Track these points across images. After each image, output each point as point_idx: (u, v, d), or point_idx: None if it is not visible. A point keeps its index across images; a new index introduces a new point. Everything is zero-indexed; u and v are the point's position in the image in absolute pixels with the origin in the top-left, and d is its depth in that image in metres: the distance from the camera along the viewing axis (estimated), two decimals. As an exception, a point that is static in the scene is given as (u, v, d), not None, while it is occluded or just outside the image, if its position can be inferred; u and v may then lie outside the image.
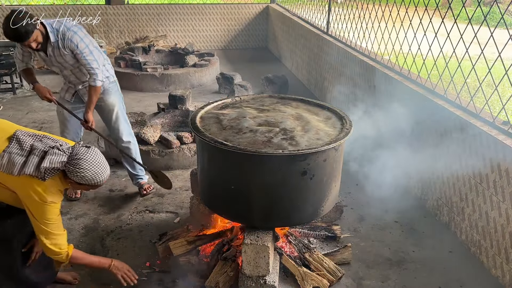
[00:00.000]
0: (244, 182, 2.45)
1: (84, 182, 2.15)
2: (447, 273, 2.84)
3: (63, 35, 3.00)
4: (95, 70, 3.10)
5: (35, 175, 2.06)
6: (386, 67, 4.14)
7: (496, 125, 2.79)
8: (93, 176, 2.14)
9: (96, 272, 2.86)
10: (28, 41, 2.88)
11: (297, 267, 2.67)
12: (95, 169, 2.13)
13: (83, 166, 2.10)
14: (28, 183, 2.08)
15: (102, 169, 2.17)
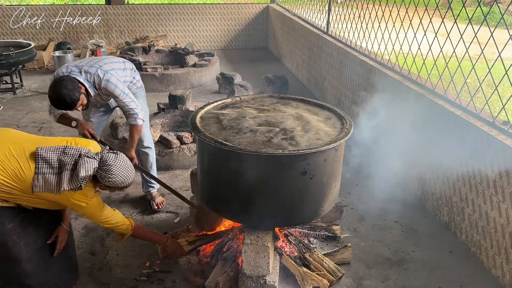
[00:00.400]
0: (244, 182, 2.45)
1: (114, 186, 2.32)
2: (447, 273, 2.84)
3: (99, 85, 3.05)
4: (134, 110, 3.14)
5: (71, 188, 2.18)
6: (386, 67, 4.14)
7: (496, 125, 2.78)
8: (123, 180, 2.31)
9: (96, 272, 2.86)
10: (76, 108, 2.94)
11: (297, 267, 2.67)
12: (124, 174, 2.30)
13: (114, 172, 2.26)
14: (69, 195, 2.22)
15: (130, 173, 2.34)
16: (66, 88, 2.82)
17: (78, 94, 2.88)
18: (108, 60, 3.21)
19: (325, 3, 6.07)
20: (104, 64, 3.13)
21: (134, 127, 3.19)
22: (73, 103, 2.88)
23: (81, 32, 8.41)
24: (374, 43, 4.37)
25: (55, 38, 8.31)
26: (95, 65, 3.08)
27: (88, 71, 3.03)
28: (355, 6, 4.85)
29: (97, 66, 3.08)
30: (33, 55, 6.27)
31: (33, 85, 6.67)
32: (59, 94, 2.82)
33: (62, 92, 2.82)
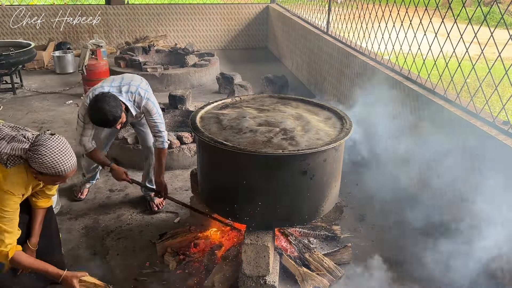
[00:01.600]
0: (244, 182, 2.45)
1: (45, 171, 2.03)
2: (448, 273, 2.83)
3: (139, 103, 3.07)
4: (162, 133, 3.16)
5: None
6: (386, 67, 4.14)
7: (496, 125, 2.78)
8: (53, 164, 2.02)
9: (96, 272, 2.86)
10: (116, 125, 2.93)
11: (297, 267, 2.67)
12: (55, 156, 2.01)
13: (42, 152, 1.99)
14: None
15: (64, 157, 2.05)
16: (109, 105, 2.80)
17: (120, 112, 2.87)
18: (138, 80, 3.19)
19: (325, 3, 6.07)
20: (140, 83, 3.14)
21: (161, 151, 3.18)
22: (115, 120, 2.86)
23: (81, 32, 8.41)
24: (374, 43, 4.37)
25: (55, 38, 8.31)
26: (133, 83, 3.09)
27: (130, 90, 3.04)
28: (355, 6, 4.85)
29: (136, 85, 3.09)
30: (33, 55, 6.27)
31: (33, 85, 6.67)
32: (102, 110, 2.79)
33: (105, 108, 2.79)
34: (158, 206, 3.56)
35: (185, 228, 3.13)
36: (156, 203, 3.57)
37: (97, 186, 3.90)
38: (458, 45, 3.08)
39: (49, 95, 6.24)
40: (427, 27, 3.41)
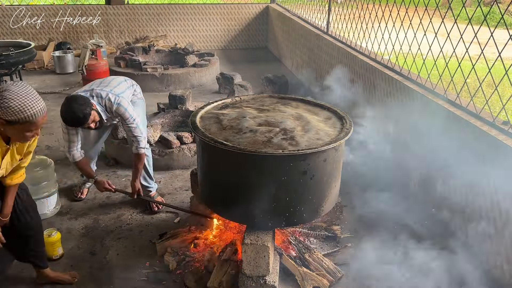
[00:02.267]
0: (244, 182, 2.45)
1: (13, 117, 1.90)
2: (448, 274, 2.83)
3: (110, 109, 3.15)
4: (137, 138, 3.21)
5: None
6: (386, 67, 4.14)
7: (496, 125, 2.78)
8: (21, 107, 1.90)
9: (96, 272, 2.86)
10: (87, 124, 3.00)
11: (297, 267, 2.67)
12: (22, 99, 1.90)
13: (8, 96, 1.88)
14: None
15: (31, 100, 1.92)
16: (78, 103, 2.90)
17: (89, 109, 2.96)
18: (114, 83, 3.31)
19: (325, 3, 6.07)
20: (113, 88, 3.23)
21: (137, 156, 3.25)
22: (85, 117, 2.94)
23: (81, 32, 8.41)
24: (374, 43, 4.37)
25: (55, 38, 8.31)
26: (105, 88, 3.19)
27: (100, 95, 3.14)
28: (355, 6, 4.85)
29: (107, 90, 3.18)
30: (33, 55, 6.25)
31: (33, 85, 6.67)
32: (71, 108, 2.89)
33: (74, 107, 2.89)
34: (158, 206, 3.56)
35: (185, 228, 3.13)
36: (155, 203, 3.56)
37: (97, 186, 3.90)
38: (458, 45, 3.08)
39: (49, 95, 6.24)
40: (427, 27, 3.41)
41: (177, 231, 3.09)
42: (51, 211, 3.46)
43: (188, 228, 3.12)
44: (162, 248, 2.97)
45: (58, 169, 3.92)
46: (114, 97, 3.16)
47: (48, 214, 3.44)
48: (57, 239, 2.95)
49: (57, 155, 4.37)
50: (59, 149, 4.57)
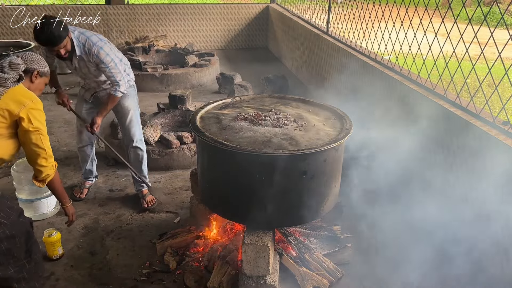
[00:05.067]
0: (244, 182, 2.45)
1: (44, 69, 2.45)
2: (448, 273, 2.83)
3: (89, 50, 3.04)
4: (118, 82, 3.17)
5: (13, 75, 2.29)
6: (386, 67, 4.14)
7: (496, 125, 2.78)
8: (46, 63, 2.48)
9: (96, 272, 2.86)
10: (59, 47, 2.91)
11: (297, 267, 2.67)
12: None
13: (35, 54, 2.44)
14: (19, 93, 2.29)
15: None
16: (56, 24, 2.80)
17: (65, 33, 2.88)
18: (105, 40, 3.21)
19: (325, 3, 6.07)
20: (101, 36, 3.16)
21: (111, 97, 3.22)
22: (59, 38, 2.85)
23: (81, 32, 8.40)
24: (374, 43, 4.37)
25: (55, 38, 8.30)
26: (90, 32, 3.11)
27: (83, 33, 3.06)
28: (355, 6, 4.85)
29: (95, 33, 3.11)
30: (33, 55, 6.26)
31: (33, 85, 6.66)
32: (47, 27, 2.80)
33: (50, 26, 2.80)
34: (148, 203, 3.58)
35: (185, 228, 3.13)
36: (147, 200, 3.59)
37: (97, 186, 3.90)
38: (458, 45, 3.08)
39: (49, 95, 6.22)
40: (427, 27, 3.41)
41: (177, 231, 3.09)
42: (51, 211, 3.46)
43: (188, 228, 3.12)
44: (162, 248, 2.97)
45: (58, 169, 3.89)
46: (97, 40, 3.07)
47: (48, 214, 3.44)
48: (57, 239, 2.95)
49: (57, 155, 4.37)
50: (59, 149, 4.57)
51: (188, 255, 2.93)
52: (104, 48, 3.07)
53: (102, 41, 3.10)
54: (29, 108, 2.25)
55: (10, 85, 2.25)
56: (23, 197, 3.34)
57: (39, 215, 3.39)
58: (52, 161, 2.42)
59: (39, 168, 2.37)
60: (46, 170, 2.40)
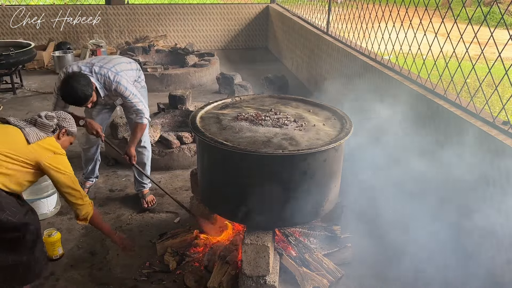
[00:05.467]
0: (244, 182, 2.45)
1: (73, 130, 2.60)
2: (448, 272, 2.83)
3: (109, 87, 3.11)
4: (141, 110, 3.21)
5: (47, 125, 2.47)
6: (386, 67, 4.14)
7: (496, 125, 2.78)
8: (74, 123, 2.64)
9: (96, 272, 2.86)
10: (86, 104, 2.99)
11: (297, 267, 2.67)
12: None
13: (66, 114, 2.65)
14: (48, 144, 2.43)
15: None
16: (80, 84, 2.88)
17: (91, 91, 2.94)
18: (116, 61, 3.26)
19: (325, 3, 6.07)
20: (113, 66, 3.17)
21: (139, 125, 3.25)
22: (86, 98, 2.93)
23: (81, 32, 8.41)
24: (374, 43, 4.37)
25: (55, 38, 8.31)
26: (105, 66, 3.14)
27: (99, 72, 3.09)
28: (355, 6, 4.85)
29: (107, 67, 3.13)
30: (33, 55, 6.27)
31: (33, 85, 6.67)
32: (73, 88, 2.86)
33: (76, 87, 2.86)
34: (148, 203, 3.57)
35: (185, 228, 3.13)
36: (147, 200, 3.59)
37: (97, 186, 3.90)
38: (458, 45, 3.08)
39: (49, 95, 6.24)
40: (427, 27, 3.41)
41: (177, 231, 3.09)
42: (51, 211, 3.46)
43: (188, 228, 3.12)
44: (162, 248, 2.97)
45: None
46: (114, 75, 3.10)
47: (48, 214, 3.44)
48: (57, 239, 2.95)
49: (57, 155, 4.37)
50: (59, 149, 4.57)
51: (188, 255, 2.93)
52: (121, 82, 3.12)
53: (118, 75, 3.12)
54: (57, 154, 2.40)
55: (49, 134, 2.44)
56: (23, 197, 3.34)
57: (39, 215, 3.36)
58: (88, 200, 2.55)
59: (78, 207, 2.50)
60: (85, 209, 2.52)
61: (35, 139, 2.33)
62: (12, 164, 2.26)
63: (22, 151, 2.29)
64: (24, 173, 2.33)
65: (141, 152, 3.52)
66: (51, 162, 2.35)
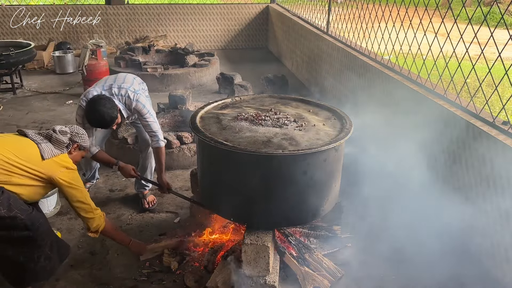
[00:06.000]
0: (244, 182, 2.45)
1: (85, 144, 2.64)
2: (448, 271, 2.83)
3: (129, 106, 3.17)
4: (156, 132, 3.22)
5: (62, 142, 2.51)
6: (386, 67, 4.14)
7: (496, 125, 2.78)
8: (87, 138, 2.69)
9: (96, 272, 2.86)
10: (112, 126, 3.05)
11: (299, 266, 2.67)
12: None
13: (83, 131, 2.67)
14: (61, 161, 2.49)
15: None
16: (105, 107, 2.95)
17: (116, 112, 3.01)
18: (129, 79, 3.30)
19: (325, 3, 6.07)
20: (131, 85, 3.24)
21: (159, 150, 3.25)
22: (112, 121, 3.00)
23: (81, 32, 8.41)
24: (374, 43, 4.37)
25: (55, 38, 8.31)
26: (123, 86, 3.20)
27: (120, 93, 3.16)
28: (355, 6, 4.85)
29: (126, 87, 3.19)
30: (33, 55, 6.27)
31: (33, 85, 6.67)
32: (99, 112, 2.93)
33: (102, 110, 2.93)
34: (149, 204, 3.58)
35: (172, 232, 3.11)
36: (148, 201, 3.59)
37: (97, 186, 3.90)
38: (458, 45, 3.08)
39: (49, 95, 6.24)
40: (427, 27, 3.41)
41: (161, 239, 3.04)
42: (51, 211, 3.46)
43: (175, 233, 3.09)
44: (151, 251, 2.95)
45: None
46: (133, 94, 3.17)
47: (48, 214, 3.44)
48: (57, 239, 2.96)
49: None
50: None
51: (188, 254, 2.93)
52: (140, 100, 3.18)
53: (136, 94, 3.18)
54: (69, 170, 2.47)
55: (63, 150, 2.49)
56: (23, 197, 3.34)
57: (39, 215, 3.39)
58: (99, 212, 2.60)
59: (89, 220, 2.57)
60: (96, 221, 2.58)
61: (49, 155, 2.41)
62: (25, 177, 2.33)
63: (37, 165, 2.36)
64: (36, 187, 2.39)
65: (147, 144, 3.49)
66: (63, 177, 2.42)
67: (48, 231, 2.50)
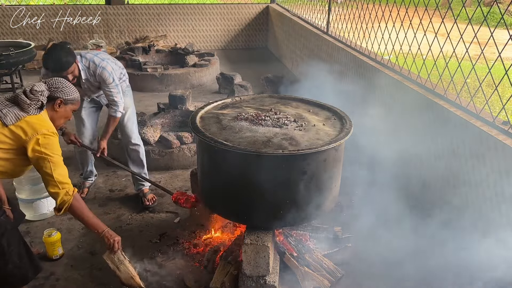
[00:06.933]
0: (244, 182, 2.45)
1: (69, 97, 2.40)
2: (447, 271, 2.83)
3: (94, 72, 3.17)
4: (117, 102, 3.25)
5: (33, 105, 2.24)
6: (386, 67, 4.14)
7: (496, 125, 2.78)
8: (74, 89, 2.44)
9: (96, 272, 2.86)
10: (66, 72, 3.00)
11: (299, 266, 2.67)
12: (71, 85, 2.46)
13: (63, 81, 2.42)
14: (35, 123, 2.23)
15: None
16: (63, 50, 2.95)
17: (72, 60, 2.99)
18: (103, 55, 3.33)
19: (325, 3, 6.07)
20: (99, 54, 3.27)
21: (112, 118, 3.31)
22: (67, 64, 2.96)
23: (81, 32, 8.41)
24: (374, 43, 4.37)
25: (55, 38, 8.30)
26: (91, 52, 3.24)
27: (85, 56, 3.19)
28: (355, 6, 4.85)
29: (93, 53, 3.23)
30: (33, 55, 6.26)
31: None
32: (55, 52, 2.92)
33: (58, 52, 2.92)
34: (150, 201, 3.59)
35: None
36: (148, 199, 3.60)
37: (97, 186, 3.90)
38: (458, 45, 3.08)
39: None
40: (427, 27, 3.41)
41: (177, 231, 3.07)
42: (51, 211, 3.46)
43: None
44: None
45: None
46: (99, 61, 3.18)
47: (48, 214, 3.44)
48: (57, 239, 2.95)
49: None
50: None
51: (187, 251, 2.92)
52: (106, 68, 3.18)
53: (104, 61, 3.19)
54: (42, 134, 2.18)
55: (32, 112, 2.21)
56: (23, 197, 3.34)
57: (39, 215, 3.39)
58: (67, 187, 2.28)
59: (52, 195, 2.29)
60: (59, 197, 2.26)
61: (13, 120, 2.13)
62: None
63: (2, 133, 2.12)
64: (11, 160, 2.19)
65: (135, 149, 3.56)
66: (32, 144, 2.15)
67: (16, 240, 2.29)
